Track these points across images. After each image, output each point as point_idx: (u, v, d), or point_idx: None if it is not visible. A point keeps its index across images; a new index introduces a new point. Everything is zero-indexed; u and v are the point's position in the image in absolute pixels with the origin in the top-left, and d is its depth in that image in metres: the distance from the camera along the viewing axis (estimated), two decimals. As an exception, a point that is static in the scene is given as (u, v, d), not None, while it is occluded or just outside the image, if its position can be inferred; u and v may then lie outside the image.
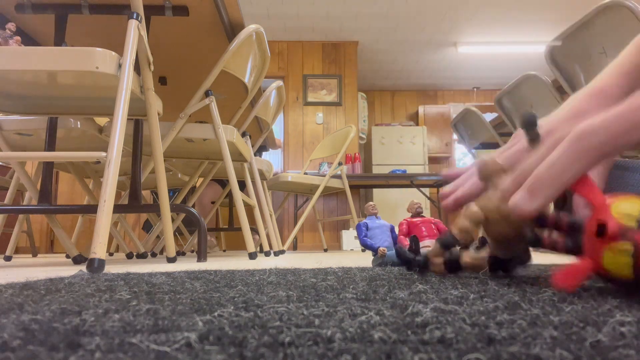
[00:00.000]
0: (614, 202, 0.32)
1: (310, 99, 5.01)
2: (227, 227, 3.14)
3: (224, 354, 0.15)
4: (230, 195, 2.83)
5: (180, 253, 2.23)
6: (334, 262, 1.00)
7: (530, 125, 0.39)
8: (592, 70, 1.59)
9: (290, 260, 1.25)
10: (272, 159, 5.35)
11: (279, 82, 2.18)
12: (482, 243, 0.57)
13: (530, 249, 0.47)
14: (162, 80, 1.89)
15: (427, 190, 4.27)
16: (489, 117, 2.78)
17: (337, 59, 5.12)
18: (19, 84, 1.14)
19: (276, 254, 1.99)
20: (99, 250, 0.84)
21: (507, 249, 0.45)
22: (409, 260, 0.57)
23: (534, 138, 0.40)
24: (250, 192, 1.85)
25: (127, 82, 0.99)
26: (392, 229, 0.90)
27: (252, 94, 1.80)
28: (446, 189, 0.52)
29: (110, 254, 2.59)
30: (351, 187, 3.38)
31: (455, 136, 5.51)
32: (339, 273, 0.56)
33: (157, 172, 1.23)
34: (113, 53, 1.00)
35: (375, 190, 5.09)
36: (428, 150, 5.91)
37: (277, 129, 4.98)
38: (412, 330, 0.19)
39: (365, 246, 0.86)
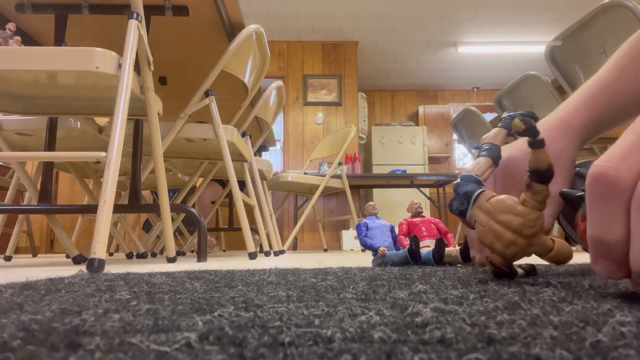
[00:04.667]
0: None
1: (310, 99, 5.01)
2: (227, 227, 3.14)
3: (224, 354, 0.15)
4: (230, 195, 2.83)
5: (180, 253, 2.23)
6: (334, 262, 1.00)
7: (532, 130, 0.38)
8: (592, 70, 1.59)
9: (290, 260, 1.25)
10: (272, 159, 5.35)
11: (279, 82, 2.18)
12: None
13: None
14: (162, 80, 1.89)
15: (427, 190, 4.27)
16: (489, 117, 2.78)
17: (337, 59, 5.12)
18: (19, 84, 1.14)
19: (276, 254, 1.99)
20: (99, 250, 0.84)
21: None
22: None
23: (536, 142, 0.39)
24: (250, 192, 1.85)
25: (127, 82, 0.99)
26: (392, 229, 0.90)
27: (252, 94, 1.80)
28: None
29: (110, 254, 2.59)
30: (351, 187, 3.39)
31: (455, 136, 5.51)
32: (339, 273, 0.56)
33: (157, 172, 1.23)
34: (113, 53, 1.00)
35: (375, 190, 5.09)
36: (428, 150, 5.91)
37: (277, 129, 4.98)
38: (412, 330, 0.19)
39: (365, 246, 0.86)
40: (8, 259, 1.98)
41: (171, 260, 1.20)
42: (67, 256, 2.12)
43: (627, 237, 0.25)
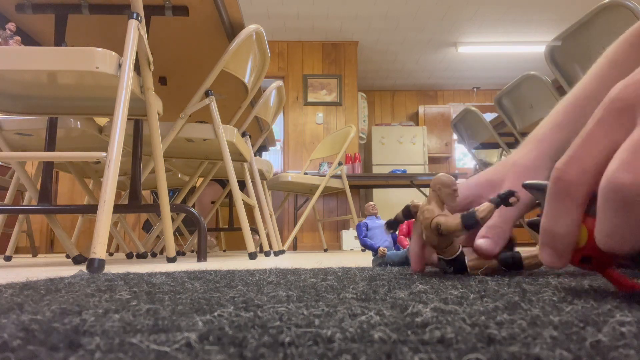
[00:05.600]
0: None
1: (310, 99, 5.01)
2: (227, 227, 3.14)
3: (224, 354, 0.15)
4: (230, 195, 2.83)
5: (180, 253, 2.23)
6: (334, 262, 1.00)
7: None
8: (592, 70, 1.59)
9: (290, 260, 1.25)
10: (272, 159, 5.35)
11: (279, 82, 2.18)
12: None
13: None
14: (162, 80, 1.89)
15: (427, 190, 4.27)
16: (489, 117, 2.78)
17: (337, 59, 5.12)
18: (19, 84, 1.14)
19: (276, 254, 1.99)
20: (99, 250, 0.84)
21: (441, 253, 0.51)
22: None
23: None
24: (250, 192, 1.85)
25: (127, 82, 0.99)
26: (392, 229, 0.90)
27: (252, 94, 1.80)
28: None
29: (110, 254, 2.59)
30: (351, 187, 3.38)
31: (455, 136, 5.51)
32: (339, 273, 0.56)
33: (157, 172, 1.23)
34: (113, 53, 1.00)
35: (375, 190, 5.09)
36: (428, 150, 5.91)
37: (277, 129, 4.98)
38: (412, 330, 0.19)
39: (365, 246, 0.86)
40: (8, 259, 1.98)
41: (171, 260, 1.20)
42: (67, 256, 2.12)
43: (572, 231, 0.29)
